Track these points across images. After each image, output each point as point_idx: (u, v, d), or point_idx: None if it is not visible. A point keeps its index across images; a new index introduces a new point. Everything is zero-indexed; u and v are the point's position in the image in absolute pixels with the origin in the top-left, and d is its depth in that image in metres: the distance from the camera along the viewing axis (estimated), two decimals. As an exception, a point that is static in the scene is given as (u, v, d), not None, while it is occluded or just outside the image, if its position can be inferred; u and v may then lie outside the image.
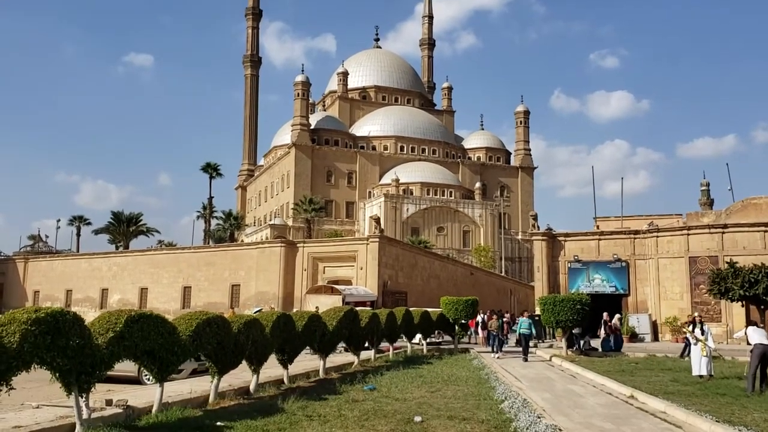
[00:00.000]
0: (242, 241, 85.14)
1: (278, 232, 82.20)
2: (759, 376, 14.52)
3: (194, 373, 18.46)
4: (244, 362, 13.62)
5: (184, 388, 13.88)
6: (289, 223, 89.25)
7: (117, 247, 75.36)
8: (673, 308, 35.96)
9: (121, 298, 58.60)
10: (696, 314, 20.28)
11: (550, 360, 23.91)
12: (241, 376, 15.12)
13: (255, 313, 19.38)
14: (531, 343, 26.19)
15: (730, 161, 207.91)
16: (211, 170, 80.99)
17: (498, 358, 24.23)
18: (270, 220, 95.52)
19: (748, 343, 15.12)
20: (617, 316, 32.04)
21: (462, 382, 16.87)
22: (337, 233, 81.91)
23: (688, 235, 36.04)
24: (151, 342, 10.48)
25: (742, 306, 24.67)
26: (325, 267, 48.59)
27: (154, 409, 11.08)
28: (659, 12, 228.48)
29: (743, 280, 21.72)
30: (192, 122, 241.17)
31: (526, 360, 23.20)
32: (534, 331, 26.64)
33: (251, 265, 51.21)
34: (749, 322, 16.03)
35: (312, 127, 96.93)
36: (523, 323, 24.43)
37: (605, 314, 30.23)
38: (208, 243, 77.14)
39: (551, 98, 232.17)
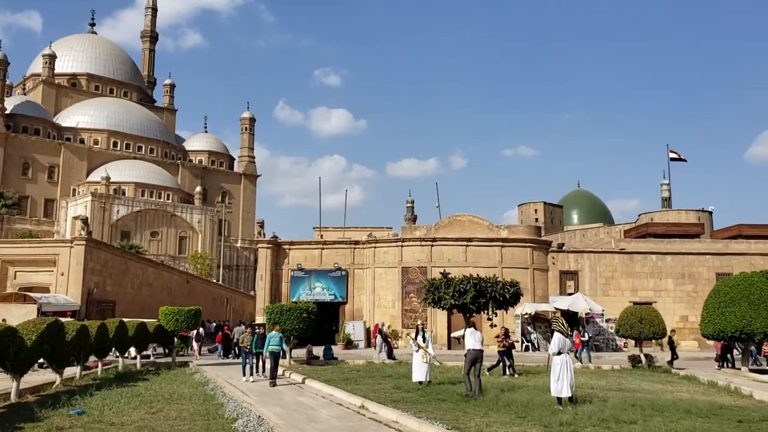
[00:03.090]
0: None
1: (-44, 229, 70.22)
2: (474, 378, 15.54)
3: None
4: None
5: None
6: (-28, 219, 76.88)
7: None
8: (386, 315, 38.02)
9: None
10: (419, 322, 21.41)
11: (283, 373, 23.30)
12: None
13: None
14: None
15: (432, 182, 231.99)
16: None
17: (253, 382, 20.10)
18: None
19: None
20: (387, 324, 32.46)
21: (186, 399, 15.40)
22: (32, 234, 72.59)
23: (402, 246, 38.53)
24: None
25: (452, 314, 26.92)
26: (16, 272, 42.25)
27: None
28: (377, 39, 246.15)
29: (454, 290, 23.49)
30: None
31: (274, 385, 18.97)
32: (285, 347, 23.38)
33: None
34: (468, 324, 17.20)
35: (7, 112, 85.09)
36: (272, 339, 20.34)
37: (379, 323, 30.74)
38: None
39: (276, 108, 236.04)
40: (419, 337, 18.36)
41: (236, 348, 31.89)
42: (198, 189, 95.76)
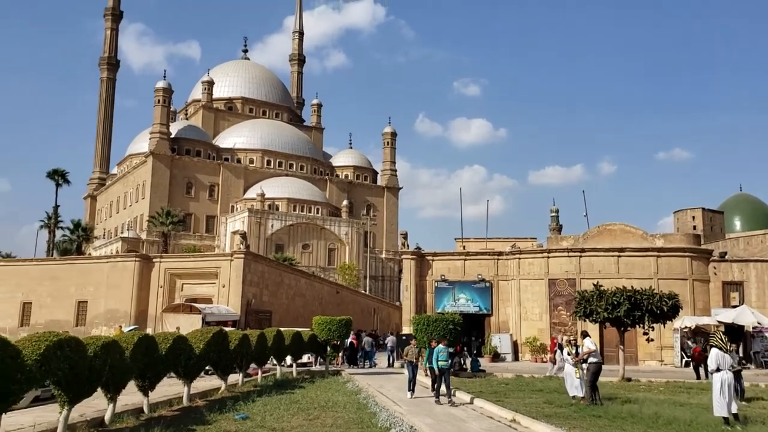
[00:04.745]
0: (90, 254, 79.35)
1: (130, 245, 77.49)
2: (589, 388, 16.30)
3: (36, 401, 16.20)
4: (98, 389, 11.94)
5: (25, 420, 11.97)
6: (143, 236, 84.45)
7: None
8: (533, 328, 37.16)
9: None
10: (572, 337, 20.81)
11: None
12: (93, 404, 13.33)
13: (129, 332, 17.48)
14: None
15: (578, 190, 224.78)
16: (58, 177, 75.31)
17: (413, 398, 18.71)
18: (122, 232, 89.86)
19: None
20: (565, 338, 31.80)
21: (340, 407, 15.96)
22: (195, 248, 78.54)
23: (548, 257, 37.50)
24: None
25: (605, 327, 25.91)
26: (183, 284, 45.97)
27: (-13, 451, 9.26)
28: (517, 48, 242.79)
29: (606, 302, 22.62)
30: (38, 125, 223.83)
31: (452, 403, 17.32)
32: (452, 363, 20.66)
33: (101, 281, 47.44)
34: (583, 333, 17.01)
35: (172, 136, 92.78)
36: (440, 354, 18.23)
37: (557, 338, 30.60)
38: (53, 255, 71.09)
39: (416, 121, 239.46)
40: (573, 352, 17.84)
41: (365, 357, 32.96)
42: (344, 202, 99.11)
